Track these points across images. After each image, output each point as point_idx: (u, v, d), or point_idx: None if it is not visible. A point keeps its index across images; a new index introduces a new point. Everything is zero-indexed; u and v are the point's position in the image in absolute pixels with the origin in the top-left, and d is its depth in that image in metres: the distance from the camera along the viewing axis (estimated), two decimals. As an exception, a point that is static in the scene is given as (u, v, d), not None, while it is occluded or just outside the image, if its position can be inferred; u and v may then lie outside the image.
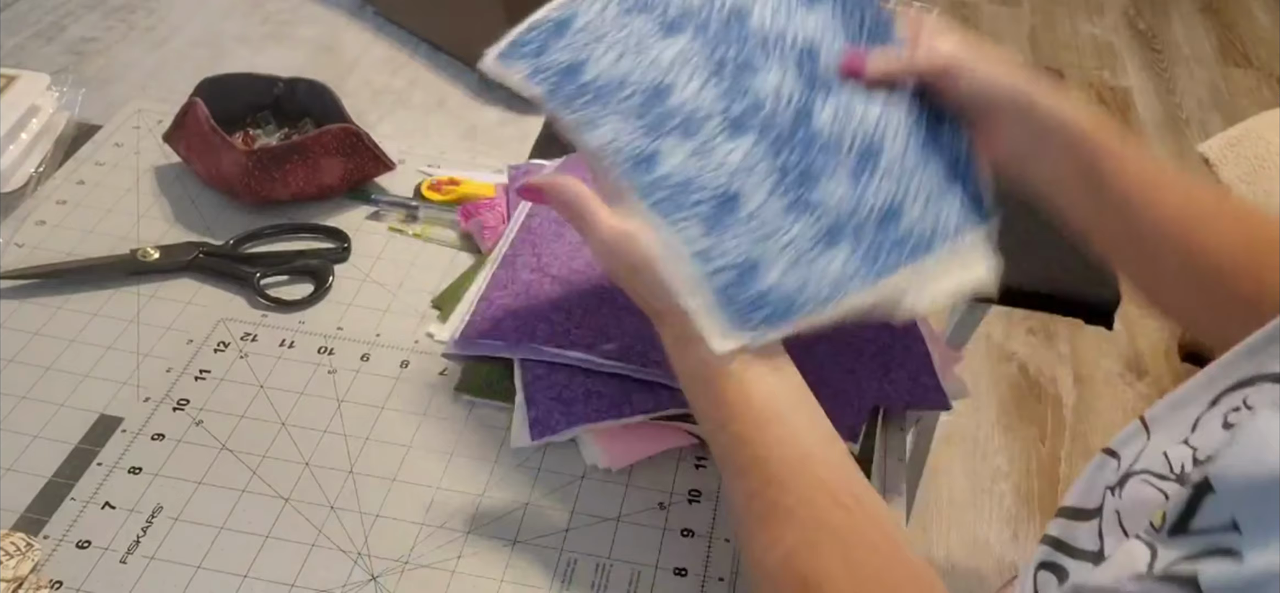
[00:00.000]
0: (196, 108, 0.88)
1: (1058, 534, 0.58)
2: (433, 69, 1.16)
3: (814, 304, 0.60)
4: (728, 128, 0.63)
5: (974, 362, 2.03)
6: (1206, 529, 0.42)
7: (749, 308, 0.58)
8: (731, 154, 0.63)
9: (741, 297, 0.59)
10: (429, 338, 0.79)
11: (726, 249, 0.60)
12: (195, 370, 0.76)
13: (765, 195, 0.62)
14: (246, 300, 0.82)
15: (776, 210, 0.62)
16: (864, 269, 0.61)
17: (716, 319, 0.58)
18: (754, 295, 0.59)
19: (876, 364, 0.76)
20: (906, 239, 0.63)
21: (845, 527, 0.54)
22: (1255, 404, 0.48)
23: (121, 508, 0.66)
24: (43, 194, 0.91)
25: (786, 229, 0.61)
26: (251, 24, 1.20)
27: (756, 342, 0.58)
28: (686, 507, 0.69)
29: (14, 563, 0.61)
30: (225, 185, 0.88)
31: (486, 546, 0.66)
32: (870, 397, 0.74)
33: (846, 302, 0.61)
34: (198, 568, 0.63)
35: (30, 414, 0.72)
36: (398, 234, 0.89)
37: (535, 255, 0.82)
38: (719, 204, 0.61)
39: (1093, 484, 0.57)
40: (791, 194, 0.63)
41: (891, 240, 0.63)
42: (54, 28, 1.17)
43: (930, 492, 1.81)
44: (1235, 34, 3.14)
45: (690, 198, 0.61)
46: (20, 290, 0.81)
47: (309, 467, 0.69)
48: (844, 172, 0.64)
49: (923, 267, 0.63)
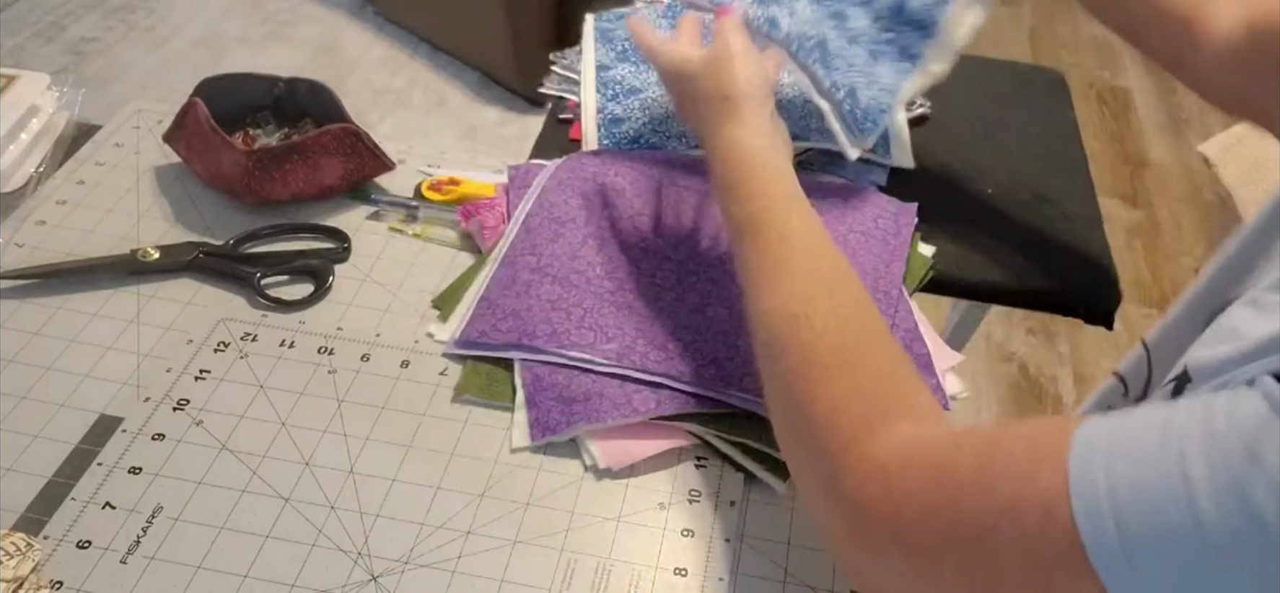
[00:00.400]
0: (196, 108, 0.88)
1: None
2: (433, 69, 1.16)
3: (887, 104, 0.87)
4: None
5: (974, 362, 2.02)
6: None
7: (859, 121, 0.87)
8: (806, 10, 0.89)
9: (854, 112, 0.86)
10: (429, 338, 0.79)
11: (837, 82, 0.86)
12: (195, 371, 0.76)
13: (836, 38, 0.89)
14: (247, 300, 0.82)
15: (843, 46, 0.88)
16: (904, 63, 0.89)
17: (843, 131, 0.87)
18: (859, 113, 0.87)
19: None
20: (920, 24, 0.89)
21: (833, 280, 0.62)
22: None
23: (122, 508, 0.66)
24: (43, 194, 0.91)
25: (853, 59, 0.88)
26: (251, 24, 1.20)
27: (868, 144, 0.87)
28: (686, 507, 0.69)
29: (14, 563, 0.61)
30: (225, 185, 0.88)
31: (487, 545, 0.66)
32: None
33: (904, 91, 0.88)
34: (198, 568, 0.63)
35: (30, 414, 0.72)
36: (398, 234, 0.89)
37: (535, 255, 0.82)
38: (819, 46, 0.87)
39: (1102, 405, 0.58)
40: (845, 34, 0.90)
41: (910, 34, 0.90)
42: (54, 28, 1.17)
43: (930, 492, 1.80)
44: (1235, 34, 3.14)
45: (807, 45, 0.86)
46: (20, 290, 0.81)
47: (309, 467, 0.69)
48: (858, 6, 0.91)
49: (939, 40, 0.88)
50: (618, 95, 1.03)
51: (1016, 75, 1.22)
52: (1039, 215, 0.98)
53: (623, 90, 1.04)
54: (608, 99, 1.03)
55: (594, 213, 0.85)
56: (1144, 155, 2.62)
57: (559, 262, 0.81)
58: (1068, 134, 1.10)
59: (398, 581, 0.63)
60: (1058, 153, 1.07)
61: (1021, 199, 1.00)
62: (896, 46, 0.90)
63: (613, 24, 1.14)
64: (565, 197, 0.86)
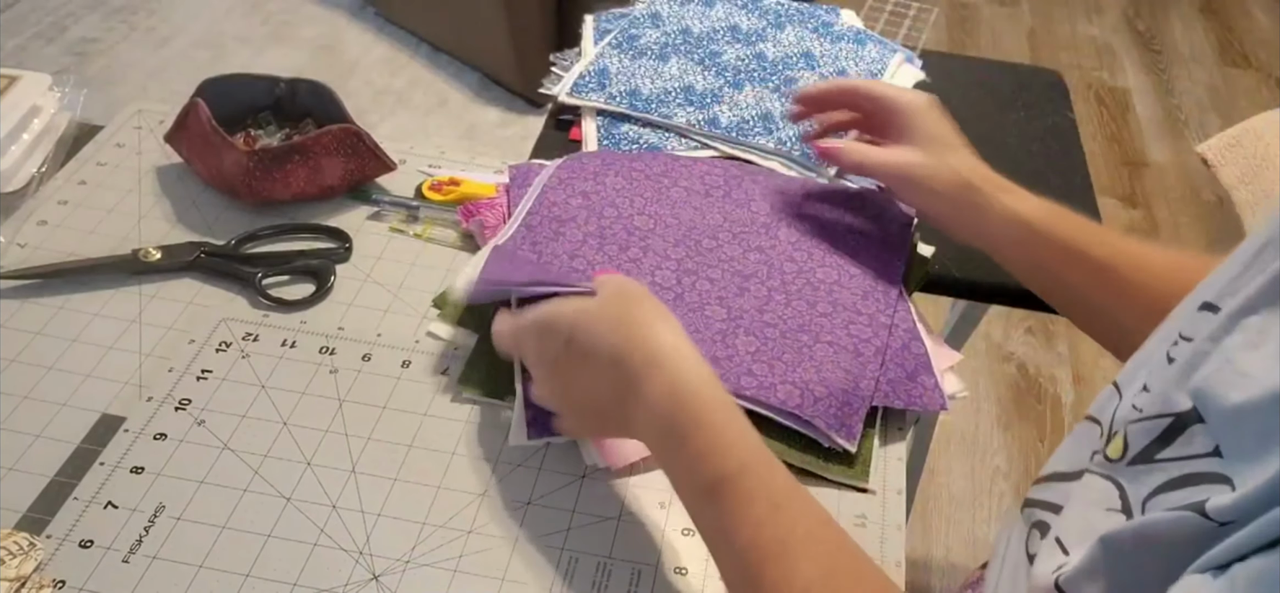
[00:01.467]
0: (198, 108, 0.88)
1: (1046, 497, 0.58)
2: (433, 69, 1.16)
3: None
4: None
5: (974, 362, 2.03)
6: (1181, 457, 0.44)
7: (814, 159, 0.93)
8: (748, 96, 0.95)
9: (806, 152, 0.94)
10: (430, 337, 0.79)
11: (784, 137, 0.96)
12: (197, 370, 0.76)
13: (782, 103, 1.01)
14: (248, 300, 0.82)
15: (790, 107, 0.91)
16: None
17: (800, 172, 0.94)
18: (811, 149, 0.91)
19: (876, 364, 0.76)
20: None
21: (838, 558, 0.56)
22: (1187, 331, 0.49)
23: (124, 508, 0.66)
24: (44, 194, 0.91)
25: None
26: (252, 24, 1.20)
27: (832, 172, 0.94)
28: (687, 506, 0.69)
29: (17, 562, 0.62)
30: (226, 186, 0.88)
31: (487, 545, 0.66)
32: (869, 397, 0.74)
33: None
34: (200, 567, 0.63)
35: (32, 414, 0.72)
36: (398, 234, 0.89)
37: (536, 254, 0.82)
38: (764, 119, 0.97)
39: (1078, 448, 0.58)
40: (793, 94, 0.92)
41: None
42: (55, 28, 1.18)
43: (930, 492, 1.81)
44: (1234, 35, 3.14)
45: (750, 127, 0.93)
46: (22, 290, 0.81)
47: (310, 466, 0.70)
48: None
49: None
50: (618, 96, 1.04)
51: (1015, 76, 1.22)
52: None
53: (623, 90, 1.04)
54: (608, 99, 1.03)
55: (594, 213, 0.85)
56: (1142, 156, 2.62)
57: (559, 261, 0.81)
58: (1066, 134, 1.11)
59: (399, 580, 0.64)
60: (1056, 153, 1.07)
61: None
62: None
63: (612, 24, 1.15)
64: (565, 196, 0.87)
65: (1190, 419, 0.45)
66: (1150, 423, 0.47)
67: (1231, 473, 0.41)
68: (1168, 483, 0.44)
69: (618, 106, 1.02)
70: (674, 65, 1.07)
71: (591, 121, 1.03)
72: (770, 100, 1.03)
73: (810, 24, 1.15)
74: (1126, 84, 2.89)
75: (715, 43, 1.10)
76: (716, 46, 1.09)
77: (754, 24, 1.14)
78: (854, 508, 0.70)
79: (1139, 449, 0.47)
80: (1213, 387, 0.44)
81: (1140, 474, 0.46)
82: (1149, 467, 0.46)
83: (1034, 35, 3.03)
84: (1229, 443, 0.42)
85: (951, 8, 3.06)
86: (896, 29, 1.36)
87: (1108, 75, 2.92)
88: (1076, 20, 3.15)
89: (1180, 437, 0.45)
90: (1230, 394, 0.43)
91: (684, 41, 1.10)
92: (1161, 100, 2.83)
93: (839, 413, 0.72)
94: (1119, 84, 2.89)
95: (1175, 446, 0.45)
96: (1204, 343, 0.47)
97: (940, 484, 1.83)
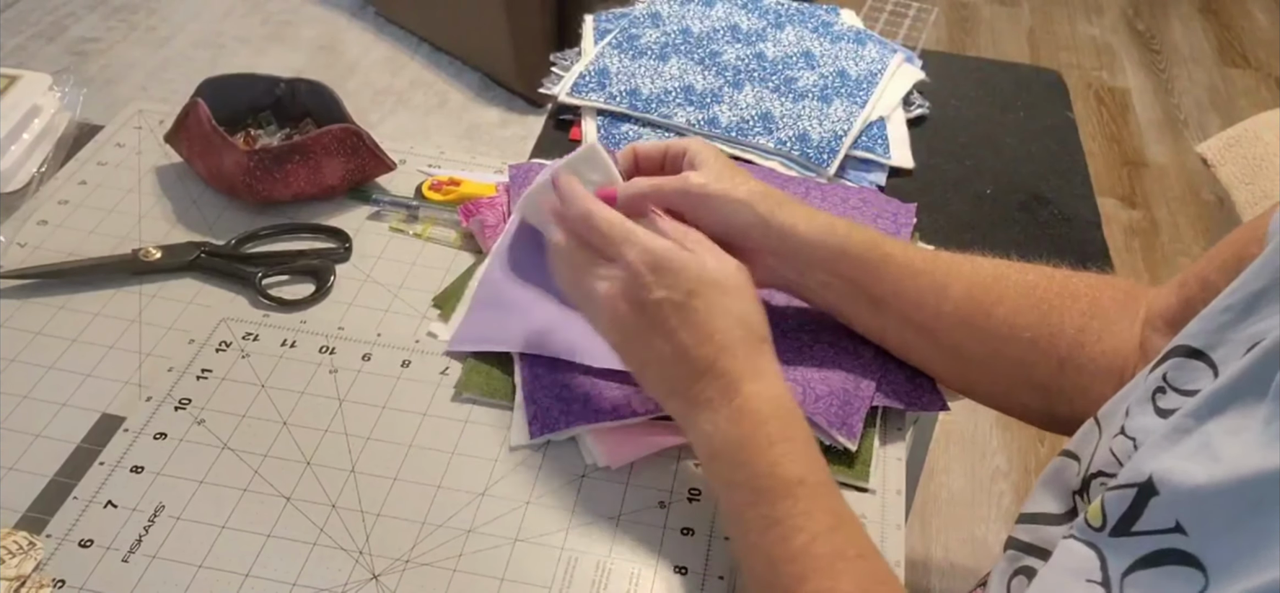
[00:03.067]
0: (198, 108, 0.88)
1: (1028, 539, 0.58)
2: (433, 69, 1.16)
3: (843, 131, 0.99)
4: None
5: (973, 362, 2.02)
6: (1151, 530, 0.45)
7: (814, 159, 0.95)
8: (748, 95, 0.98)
9: (807, 153, 0.96)
10: (430, 337, 0.79)
11: (784, 137, 0.97)
12: (197, 370, 0.76)
13: (781, 102, 1.03)
14: (248, 300, 0.82)
15: (789, 106, 1.02)
16: (853, 105, 1.01)
17: (800, 172, 0.93)
18: (811, 151, 0.97)
19: (876, 364, 0.76)
20: (861, 83, 1.02)
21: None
22: (1173, 379, 0.50)
23: (123, 507, 0.66)
24: (45, 194, 0.91)
25: (802, 111, 1.01)
26: (252, 24, 1.20)
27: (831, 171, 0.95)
28: (686, 506, 0.69)
29: (16, 562, 0.62)
30: (227, 185, 0.88)
31: (487, 544, 0.66)
32: (870, 397, 0.74)
33: (856, 124, 1.00)
34: (200, 567, 0.63)
35: (32, 414, 0.72)
36: (399, 234, 0.89)
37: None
38: (763, 118, 0.98)
39: (1057, 487, 0.58)
40: (793, 94, 1.03)
41: (854, 87, 1.04)
42: (55, 28, 1.18)
43: (930, 492, 1.81)
44: (1234, 35, 3.14)
45: (749, 127, 0.95)
46: (22, 290, 0.81)
47: (310, 466, 0.70)
48: None
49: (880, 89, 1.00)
50: (618, 95, 1.04)
51: (1015, 76, 1.22)
52: (1037, 215, 0.98)
53: (623, 90, 1.04)
54: (608, 99, 1.03)
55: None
56: (1142, 155, 2.62)
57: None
58: (1066, 134, 1.11)
59: (399, 579, 0.64)
60: (1056, 153, 1.07)
61: (1020, 199, 1.00)
62: (845, 95, 1.03)
63: (612, 24, 1.15)
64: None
65: (1149, 491, 0.45)
66: (1121, 493, 0.47)
67: (1199, 553, 0.42)
68: (1145, 558, 0.45)
69: (618, 106, 1.03)
70: (674, 65, 1.07)
71: (591, 121, 1.03)
72: (770, 100, 1.03)
73: (810, 24, 1.15)
74: (1126, 84, 2.89)
75: (715, 42, 1.10)
76: (716, 46, 1.10)
77: (754, 24, 1.14)
78: (854, 508, 0.69)
79: (1115, 520, 0.47)
80: (1167, 458, 0.45)
81: (1120, 547, 0.46)
82: (1127, 539, 0.46)
83: (1034, 35, 3.03)
84: (1188, 520, 0.43)
85: (951, 8, 3.06)
86: (896, 29, 1.36)
87: (1107, 75, 2.92)
88: (1076, 20, 3.15)
89: (1146, 509, 0.45)
90: (1194, 474, 0.43)
91: (684, 41, 1.10)
92: (1161, 100, 2.83)
93: (840, 411, 0.72)
94: (1119, 84, 2.89)
95: (1144, 519, 0.45)
96: (1184, 420, 0.47)
97: (940, 484, 1.83)
